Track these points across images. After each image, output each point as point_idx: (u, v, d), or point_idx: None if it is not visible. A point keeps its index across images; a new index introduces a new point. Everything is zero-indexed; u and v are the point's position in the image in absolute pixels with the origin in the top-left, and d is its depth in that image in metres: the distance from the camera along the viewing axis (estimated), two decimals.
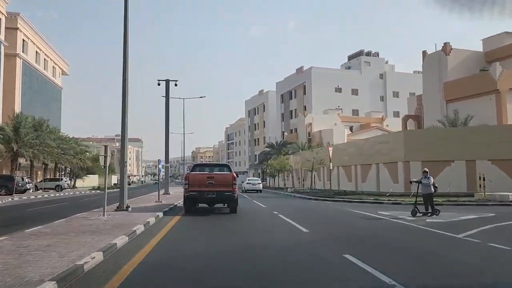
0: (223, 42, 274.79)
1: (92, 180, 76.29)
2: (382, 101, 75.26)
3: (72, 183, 63.82)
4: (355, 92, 73.17)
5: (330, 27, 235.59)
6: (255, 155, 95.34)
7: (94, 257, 6.63)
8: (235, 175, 15.33)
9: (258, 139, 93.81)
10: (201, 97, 54.08)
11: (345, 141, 50.37)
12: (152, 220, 12.81)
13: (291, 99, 77.66)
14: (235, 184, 14.76)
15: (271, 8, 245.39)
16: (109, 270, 6.16)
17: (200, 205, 16.15)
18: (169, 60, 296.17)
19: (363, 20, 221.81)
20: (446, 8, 3.87)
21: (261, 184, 40.97)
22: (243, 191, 37.94)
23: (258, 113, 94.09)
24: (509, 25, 63.66)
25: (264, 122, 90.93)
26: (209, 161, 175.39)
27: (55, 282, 5.05)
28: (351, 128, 62.02)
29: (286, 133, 76.46)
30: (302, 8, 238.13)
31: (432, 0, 3.87)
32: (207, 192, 14.51)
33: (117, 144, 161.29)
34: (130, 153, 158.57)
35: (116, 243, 8.16)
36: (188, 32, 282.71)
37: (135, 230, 10.18)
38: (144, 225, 11.44)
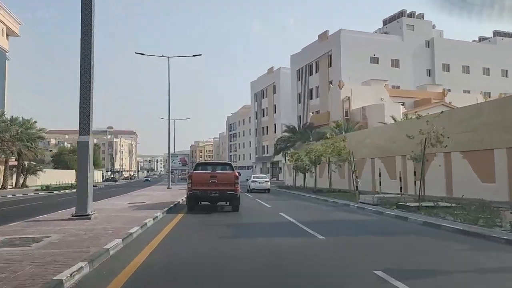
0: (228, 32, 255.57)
1: (55, 176, 57.40)
2: (429, 75, 56.31)
3: (22, 180, 44.64)
4: (395, 63, 54.28)
5: None
6: (263, 146, 76.43)
7: None
8: (237, 174, 14.38)
9: (267, 127, 74.84)
10: (194, 55, 35.23)
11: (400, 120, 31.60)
12: None
13: (311, 74, 58.66)
14: (238, 183, 13.98)
15: None
16: None
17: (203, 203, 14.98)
18: (168, 53, 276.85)
19: None
20: (446, 10, 4.01)
21: (268, 183, 31.20)
22: (248, 190, 29.85)
23: (267, 96, 75.08)
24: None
25: (274, 106, 71.97)
26: (209, 156, 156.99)
27: None
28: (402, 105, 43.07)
29: (304, 116, 57.63)
30: None
31: (431, 1, 3.84)
32: (210, 190, 13.86)
33: (109, 136, 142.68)
34: (122, 146, 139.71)
35: None
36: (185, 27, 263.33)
37: None
38: None
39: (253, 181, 30.78)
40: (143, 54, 35.02)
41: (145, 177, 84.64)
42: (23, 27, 50.12)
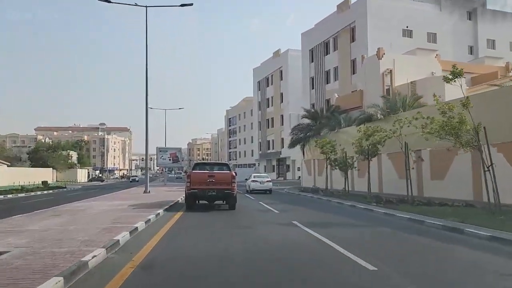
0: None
1: (24, 175, 46.24)
2: (471, 53, 45.22)
3: None
4: (432, 38, 43.12)
5: None
6: (268, 141, 65.25)
7: None
8: (234, 174, 14.49)
9: (273, 119, 63.58)
10: (182, 5, 24.18)
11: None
12: None
13: (328, 53, 47.63)
14: (234, 182, 14.04)
15: None
16: None
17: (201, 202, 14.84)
18: (167, 48, 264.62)
19: None
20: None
21: (270, 183, 26.77)
22: (247, 191, 26.00)
23: (272, 83, 63.83)
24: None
25: (281, 94, 60.72)
26: (207, 155, 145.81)
27: None
28: None
29: (319, 104, 46.76)
30: None
31: None
32: (208, 190, 13.81)
33: (101, 133, 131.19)
34: (114, 143, 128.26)
35: None
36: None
37: None
38: None
39: (253, 180, 26.77)
40: (109, 2, 23.84)
41: (132, 176, 70.40)
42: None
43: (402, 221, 10.87)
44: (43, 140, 75.96)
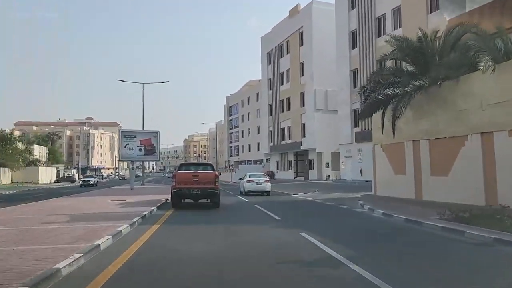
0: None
1: None
2: None
3: None
4: None
5: None
6: (282, 128, 47.45)
7: None
8: (217, 173, 14.84)
9: (288, 99, 45.73)
10: None
11: None
12: None
13: None
14: (218, 181, 14.29)
15: None
16: None
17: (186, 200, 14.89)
18: (165, 44, 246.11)
19: None
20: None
21: (269, 183, 22.68)
22: (241, 193, 22.64)
23: (288, 52, 45.99)
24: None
25: (301, 65, 42.92)
26: (204, 152, 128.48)
27: None
28: None
29: (363, 70, 29.47)
30: None
31: None
32: (192, 188, 14.04)
33: (85, 128, 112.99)
34: (101, 139, 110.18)
35: None
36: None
37: None
38: None
39: (248, 181, 22.30)
40: None
41: (85, 178, 42.64)
42: None
43: None
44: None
